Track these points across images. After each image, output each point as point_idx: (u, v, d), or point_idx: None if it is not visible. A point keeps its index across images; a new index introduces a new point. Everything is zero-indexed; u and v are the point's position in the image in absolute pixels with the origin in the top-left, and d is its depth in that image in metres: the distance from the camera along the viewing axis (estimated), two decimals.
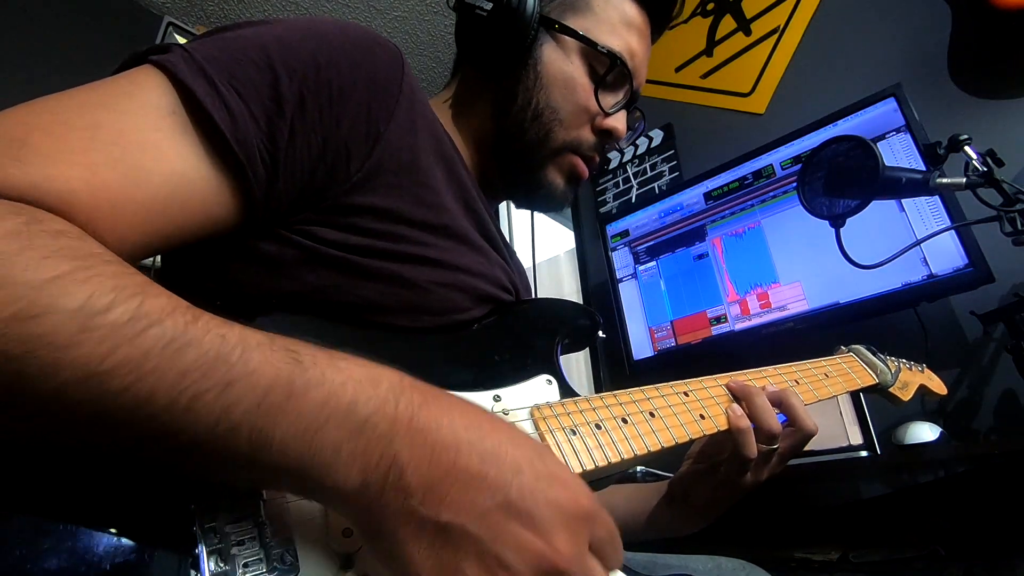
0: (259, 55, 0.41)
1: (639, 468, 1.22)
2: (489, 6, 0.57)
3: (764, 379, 0.63)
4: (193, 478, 0.32)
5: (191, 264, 0.46)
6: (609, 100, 0.63)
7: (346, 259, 0.45)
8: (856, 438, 1.14)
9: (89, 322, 0.26)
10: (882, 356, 0.77)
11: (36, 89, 0.38)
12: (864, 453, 1.11)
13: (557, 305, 0.58)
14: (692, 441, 0.53)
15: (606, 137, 0.63)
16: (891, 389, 0.74)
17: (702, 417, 0.55)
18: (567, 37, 0.60)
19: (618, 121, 0.63)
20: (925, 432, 1.06)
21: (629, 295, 1.66)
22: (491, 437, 0.32)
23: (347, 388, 0.30)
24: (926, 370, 0.85)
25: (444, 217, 0.51)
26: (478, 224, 0.56)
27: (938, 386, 0.85)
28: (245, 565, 0.32)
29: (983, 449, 0.99)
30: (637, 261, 1.67)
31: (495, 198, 0.69)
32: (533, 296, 0.71)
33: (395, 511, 0.29)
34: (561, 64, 0.60)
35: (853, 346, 0.78)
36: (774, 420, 0.57)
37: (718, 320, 1.47)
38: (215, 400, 0.28)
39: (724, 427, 0.56)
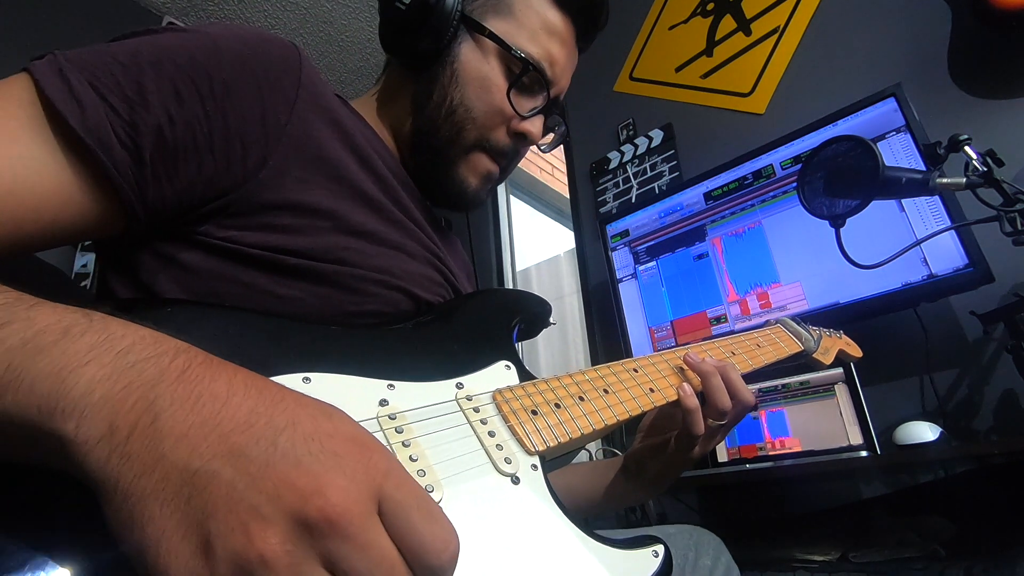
0: (128, 56, 0.42)
1: None
2: (408, 0, 0.58)
3: (704, 352, 0.66)
4: None
5: (122, 278, 0.47)
6: (526, 104, 0.64)
7: (274, 259, 0.46)
8: (856, 438, 1.14)
9: None
10: (806, 326, 0.83)
11: None
12: (864, 453, 1.12)
13: (509, 295, 0.62)
14: (644, 413, 0.57)
15: (520, 140, 0.65)
16: (815, 355, 0.81)
17: (651, 391, 0.59)
18: (485, 38, 0.61)
19: (533, 125, 0.64)
20: (925, 432, 1.07)
21: (629, 295, 1.66)
22: (271, 392, 0.28)
23: (126, 338, 0.28)
24: (843, 336, 0.91)
25: (364, 205, 0.52)
26: (402, 210, 0.57)
27: (855, 350, 0.91)
28: None
29: (983, 449, 0.99)
30: (637, 261, 1.67)
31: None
32: (475, 278, 0.76)
33: (138, 460, 0.25)
34: (477, 64, 0.61)
35: (780, 318, 0.84)
36: (726, 398, 0.60)
37: (718, 320, 1.47)
38: None
39: (672, 399, 0.60)
